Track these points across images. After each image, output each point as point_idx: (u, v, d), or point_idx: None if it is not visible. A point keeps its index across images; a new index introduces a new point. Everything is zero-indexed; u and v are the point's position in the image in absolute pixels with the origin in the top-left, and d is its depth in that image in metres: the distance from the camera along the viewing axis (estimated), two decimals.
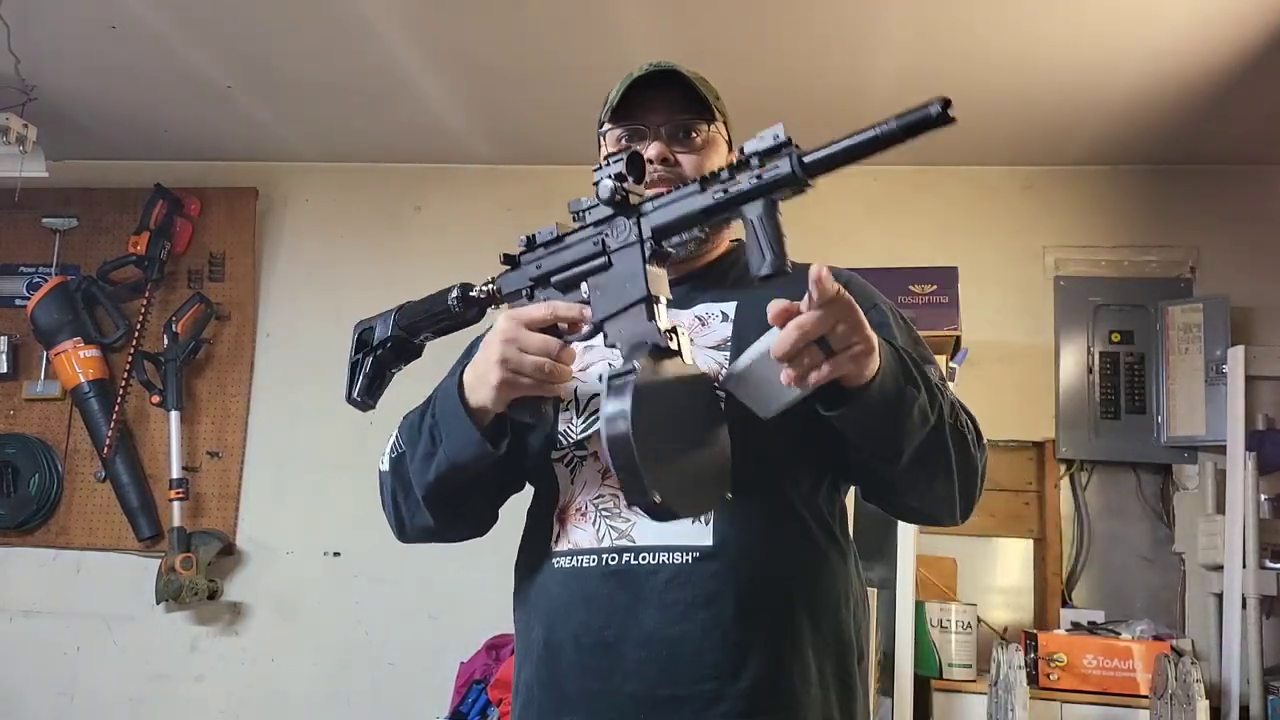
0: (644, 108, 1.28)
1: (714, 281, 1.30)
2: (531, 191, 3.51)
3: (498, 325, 1.12)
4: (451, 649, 3.17)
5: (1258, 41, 2.50)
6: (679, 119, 1.28)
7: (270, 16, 2.60)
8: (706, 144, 1.29)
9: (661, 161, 1.26)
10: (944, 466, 1.11)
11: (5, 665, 3.43)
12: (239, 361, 3.50)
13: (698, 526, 1.12)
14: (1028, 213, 3.30)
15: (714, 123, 1.30)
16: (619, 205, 1.08)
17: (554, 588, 1.19)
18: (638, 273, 1.03)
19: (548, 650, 1.18)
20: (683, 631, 1.11)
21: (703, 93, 1.28)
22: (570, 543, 1.19)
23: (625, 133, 1.30)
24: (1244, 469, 2.78)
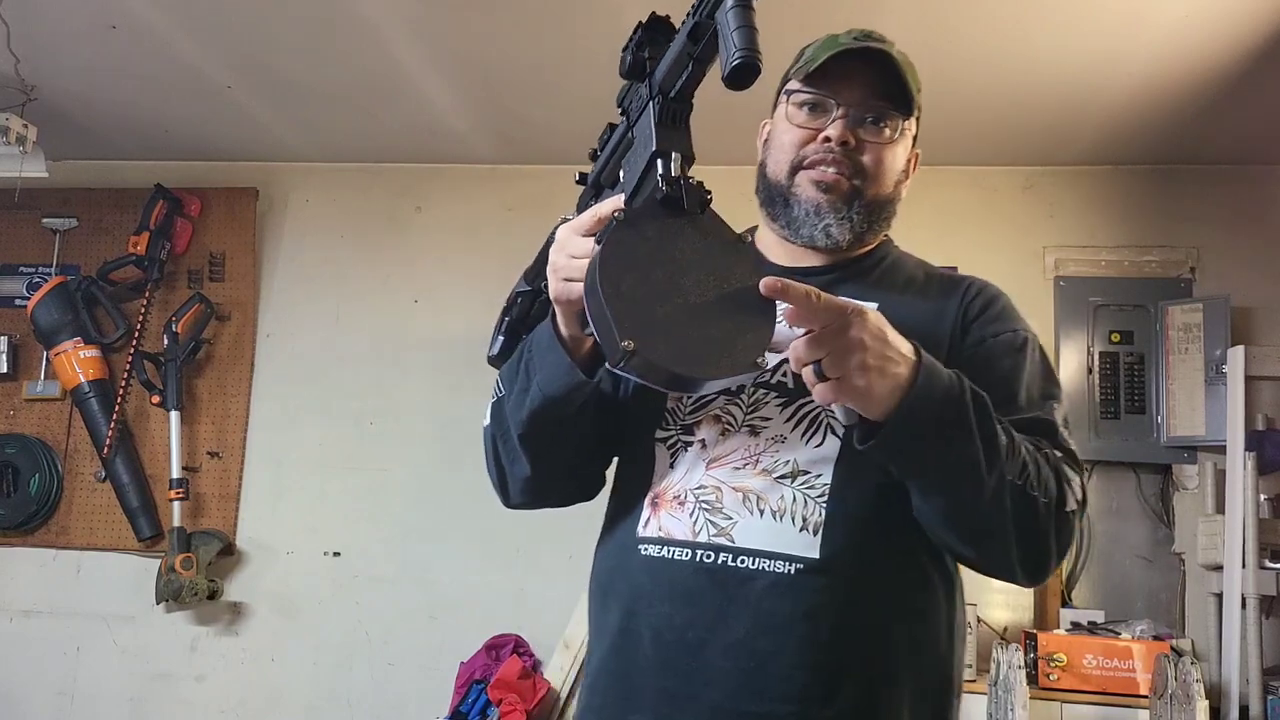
0: (841, 80, 1.18)
1: (858, 275, 1.22)
2: (531, 191, 3.51)
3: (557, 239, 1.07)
4: (451, 649, 3.17)
5: (1258, 41, 2.50)
6: (875, 104, 1.18)
7: (270, 17, 2.60)
8: (895, 138, 1.19)
9: (842, 144, 1.16)
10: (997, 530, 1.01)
11: (5, 665, 3.43)
12: (239, 361, 3.50)
13: (805, 536, 1.06)
14: (1028, 213, 3.30)
15: (909, 118, 1.20)
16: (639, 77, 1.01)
17: (638, 574, 1.12)
18: (649, 133, 0.96)
19: (623, 639, 1.12)
20: (775, 645, 1.04)
21: (908, 82, 1.18)
22: (662, 530, 1.12)
23: (812, 100, 1.19)
24: (1244, 469, 2.78)
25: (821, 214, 1.18)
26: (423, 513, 3.36)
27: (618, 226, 0.91)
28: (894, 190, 1.23)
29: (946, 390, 0.97)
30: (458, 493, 3.33)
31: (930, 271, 1.28)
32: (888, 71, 1.18)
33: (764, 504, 1.08)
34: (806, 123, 1.20)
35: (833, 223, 1.18)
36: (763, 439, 1.12)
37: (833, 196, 1.18)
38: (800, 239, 1.21)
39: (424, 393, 3.42)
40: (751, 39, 0.87)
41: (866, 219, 1.20)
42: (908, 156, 1.25)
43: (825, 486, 1.08)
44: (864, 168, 1.18)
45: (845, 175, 1.17)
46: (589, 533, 3.13)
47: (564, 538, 3.22)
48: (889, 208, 1.23)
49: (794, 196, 1.20)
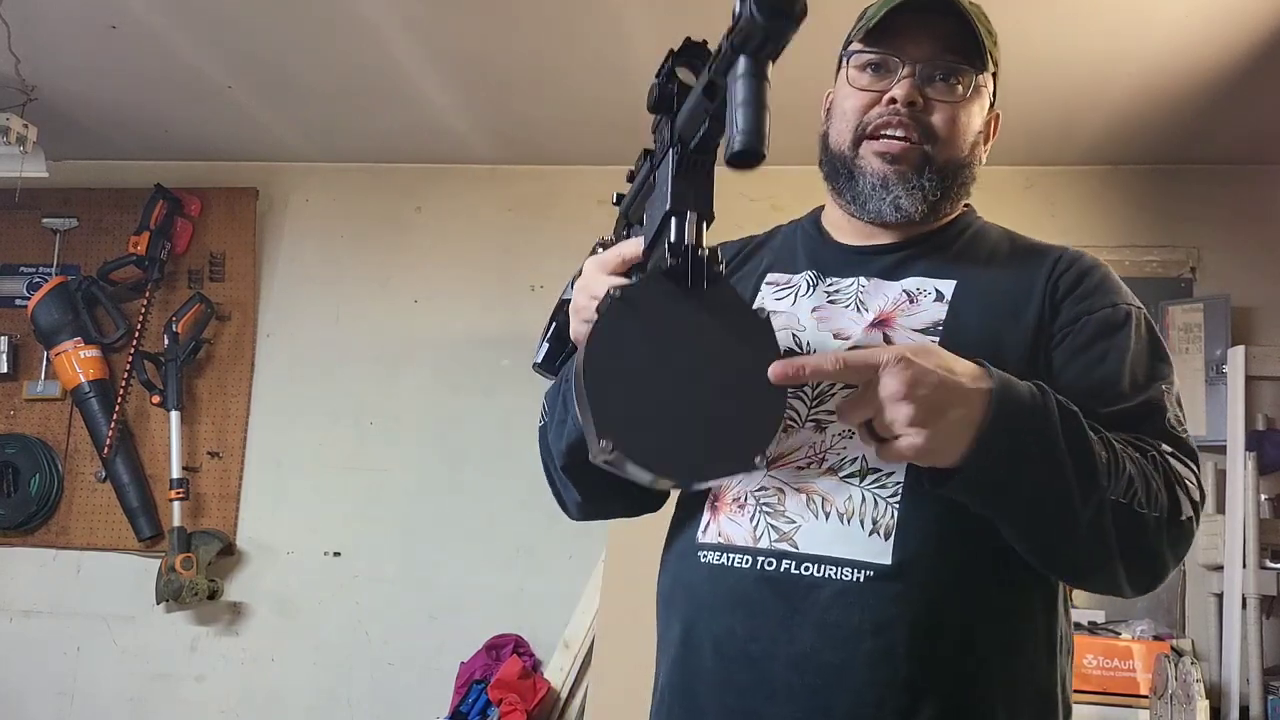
0: (905, 36, 1.07)
1: (934, 251, 1.11)
2: (531, 191, 3.51)
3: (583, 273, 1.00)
4: (451, 649, 3.17)
5: (1258, 41, 2.50)
6: (944, 59, 1.08)
7: (270, 16, 2.60)
8: (969, 95, 1.10)
9: (908, 104, 1.06)
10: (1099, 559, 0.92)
11: (5, 665, 3.43)
12: (239, 361, 3.50)
13: (875, 541, 0.96)
14: (1028, 212, 3.30)
15: (984, 72, 1.11)
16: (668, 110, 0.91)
17: (698, 583, 1.04)
18: (666, 187, 0.87)
19: (684, 651, 1.05)
20: (844, 659, 0.95)
21: (979, 32, 1.08)
22: (721, 535, 1.04)
23: (875, 60, 1.09)
24: (1244, 469, 2.78)
25: (890, 186, 1.08)
26: (423, 513, 3.36)
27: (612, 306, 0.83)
28: (970, 154, 1.13)
29: (1029, 416, 0.87)
30: (458, 493, 3.33)
31: (1017, 241, 1.17)
32: (957, 23, 1.08)
33: (830, 506, 0.99)
34: (870, 85, 1.10)
35: (902, 194, 1.08)
36: (829, 435, 1.02)
37: (901, 166, 1.08)
38: (868, 215, 1.10)
39: (424, 393, 3.42)
40: (757, 120, 0.76)
41: (940, 186, 1.10)
42: (985, 116, 1.15)
43: (898, 485, 0.98)
44: (934, 130, 1.08)
45: (914, 140, 1.07)
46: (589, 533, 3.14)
47: (564, 538, 3.22)
48: (965, 173, 1.13)
49: (859, 169, 1.10)
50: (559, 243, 3.46)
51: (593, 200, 3.47)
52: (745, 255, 1.21)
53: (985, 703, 0.97)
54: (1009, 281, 1.08)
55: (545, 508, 3.72)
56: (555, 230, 3.48)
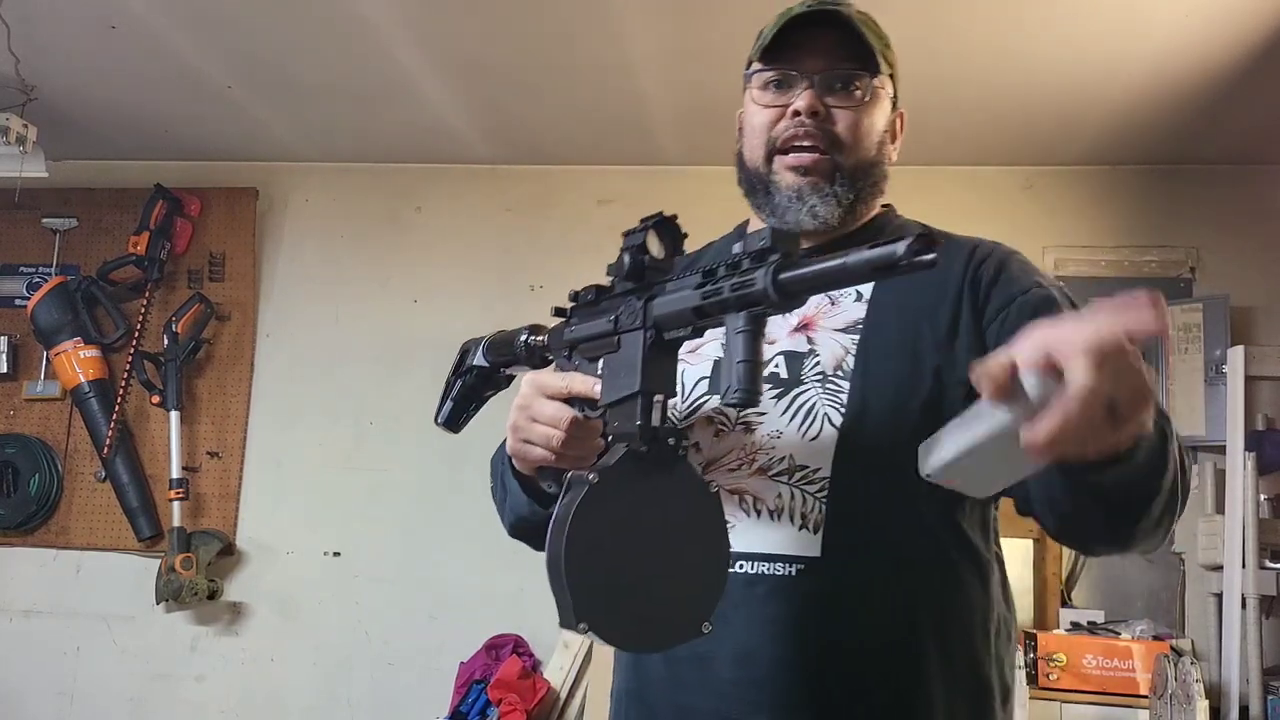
0: (801, 50, 1.13)
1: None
2: (531, 191, 3.51)
3: (521, 391, 1.01)
4: (451, 649, 3.17)
5: (1258, 41, 2.50)
6: (840, 68, 1.13)
7: (270, 16, 2.60)
8: (868, 99, 1.14)
9: (811, 114, 1.12)
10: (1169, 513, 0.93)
11: (5, 665, 3.43)
12: (239, 361, 3.50)
13: (805, 535, 1.01)
14: (1028, 213, 3.30)
15: (879, 74, 1.15)
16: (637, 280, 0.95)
17: None
18: (636, 364, 0.90)
19: (635, 659, 1.10)
20: (783, 652, 0.99)
21: (869, 39, 1.13)
22: None
23: (775, 77, 1.15)
24: (1244, 469, 2.79)
25: (804, 197, 1.13)
26: (423, 513, 3.36)
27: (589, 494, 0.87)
28: (878, 154, 1.17)
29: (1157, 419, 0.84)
30: (458, 493, 3.33)
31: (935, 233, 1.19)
32: (848, 33, 1.13)
33: (760, 504, 1.03)
34: (774, 101, 1.15)
35: (817, 202, 1.13)
36: (759, 435, 1.07)
37: (813, 177, 1.13)
38: (787, 225, 1.14)
39: (424, 393, 3.39)
40: (755, 377, 0.80)
41: (853, 189, 1.14)
42: (889, 117, 1.19)
43: (824, 480, 1.02)
44: (838, 137, 1.13)
45: (822, 150, 1.13)
46: None
47: None
48: (875, 172, 1.17)
49: (774, 184, 1.15)
50: (559, 243, 3.47)
51: (592, 200, 3.48)
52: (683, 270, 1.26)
53: (925, 689, 1.00)
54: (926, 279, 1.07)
55: None
56: (555, 230, 3.48)
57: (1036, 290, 1.07)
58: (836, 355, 1.07)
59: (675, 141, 3.22)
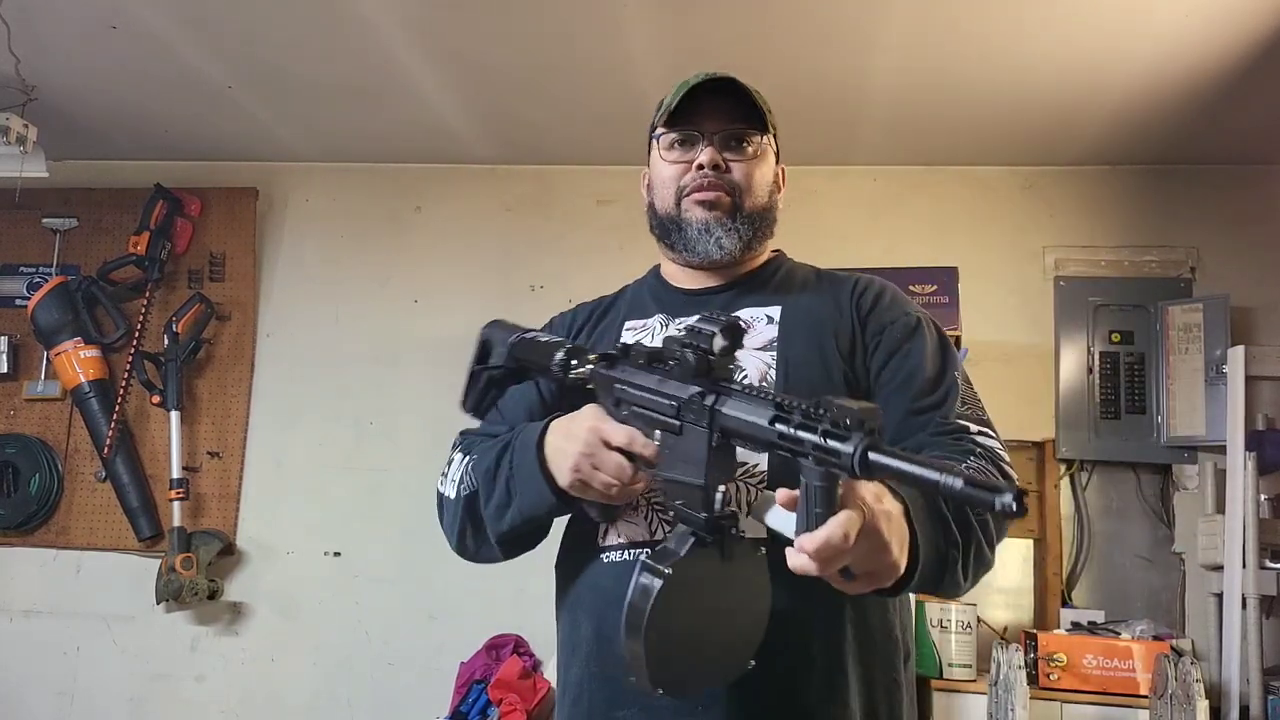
0: (699, 114, 1.32)
1: (757, 287, 1.35)
2: (531, 191, 3.51)
3: (582, 431, 1.12)
4: (451, 649, 3.17)
5: (1258, 41, 2.50)
6: (734, 127, 1.32)
7: (270, 16, 2.60)
8: (758, 154, 1.33)
9: (713, 167, 1.30)
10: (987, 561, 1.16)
11: (5, 665, 3.43)
12: (239, 361, 3.50)
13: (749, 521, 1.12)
14: (1028, 213, 3.30)
15: (766, 134, 1.34)
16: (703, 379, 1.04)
17: (605, 582, 1.21)
18: (701, 460, 1.01)
19: (599, 644, 1.21)
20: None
21: (759, 103, 1.31)
22: (622, 536, 1.22)
23: (679, 137, 1.34)
24: (1244, 469, 2.78)
25: (711, 230, 1.31)
26: (423, 513, 3.32)
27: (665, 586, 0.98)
28: (769, 200, 1.36)
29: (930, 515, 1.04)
30: None
31: (821, 273, 1.40)
32: (738, 98, 1.31)
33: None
34: (680, 158, 1.34)
35: (722, 235, 1.31)
36: None
37: (718, 212, 1.31)
38: (697, 256, 1.33)
39: (424, 393, 3.42)
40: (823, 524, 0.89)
41: (751, 228, 1.32)
42: (775, 171, 1.38)
43: (763, 474, 1.18)
44: (737, 184, 1.31)
45: (724, 192, 1.31)
46: None
47: None
48: (768, 216, 1.35)
49: (684, 221, 1.33)
50: (559, 243, 3.47)
51: (592, 200, 3.48)
52: (603, 310, 1.45)
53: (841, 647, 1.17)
54: (821, 304, 1.32)
55: None
56: (555, 230, 3.48)
57: (904, 319, 1.29)
58: (760, 369, 1.24)
59: None
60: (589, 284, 3.37)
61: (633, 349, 1.14)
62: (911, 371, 1.25)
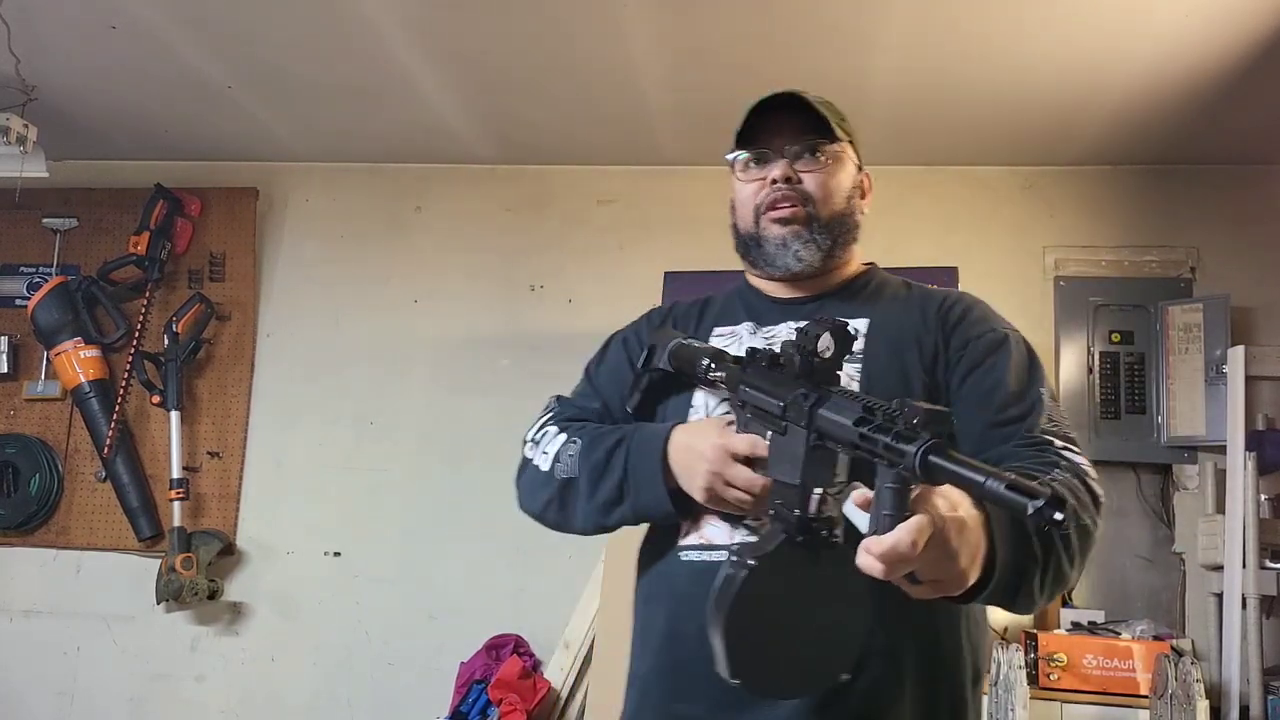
0: (770, 132, 1.35)
1: (847, 298, 1.37)
2: (531, 191, 3.51)
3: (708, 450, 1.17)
4: (451, 649, 3.17)
5: (1258, 41, 2.50)
6: (804, 140, 1.34)
7: (270, 16, 2.60)
8: (831, 161, 1.35)
9: (785, 181, 1.33)
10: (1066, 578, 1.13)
11: (5, 665, 3.43)
12: (239, 361, 3.50)
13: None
14: (1028, 213, 3.30)
15: (838, 142, 1.35)
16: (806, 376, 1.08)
17: (679, 579, 1.24)
18: (798, 459, 1.04)
19: (670, 640, 1.24)
20: None
21: (824, 114, 1.34)
22: (702, 537, 1.24)
23: (751, 157, 1.36)
24: (1244, 469, 2.78)
25: (789, 243, 1.34)
26: (423, 513, 3.36)
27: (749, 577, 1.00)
28: (848, 206, 1.38)
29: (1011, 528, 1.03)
30: (458, 493, 3.33)
31: (912, 286, 1.43)
32: (806, 113, 1.34)
33: None
34: (754, 176, 1.37)
35: (800, 247, 1.33)
36: None
37: (795, 226, 1.34)
38: (777, 270, 1.36)
39: (424, 393, 3.42)
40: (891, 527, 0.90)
41: (830, 236, 1.35)
42: (855, 178, 1.40)
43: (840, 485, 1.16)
44: (811, 194, 1.33)
45: (797, 204, 1.33)
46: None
47: (564, 538, 3.21)
48: (847, 222, 1.38)
49: (763, 238, 1.36)
50: (559, 243, 3.47)
51: (593, 200, 3.48)
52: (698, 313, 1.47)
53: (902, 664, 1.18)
54: (908, 317, 1.34)
55: None
56: (555, 230, 3.48)
57: (990, 334, 1.31)
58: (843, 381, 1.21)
59: (675, 141, 3.22)
60: (589, 284, 3.42)
61: (758, 352, 1.19)
62: (994, 385, 1.26)
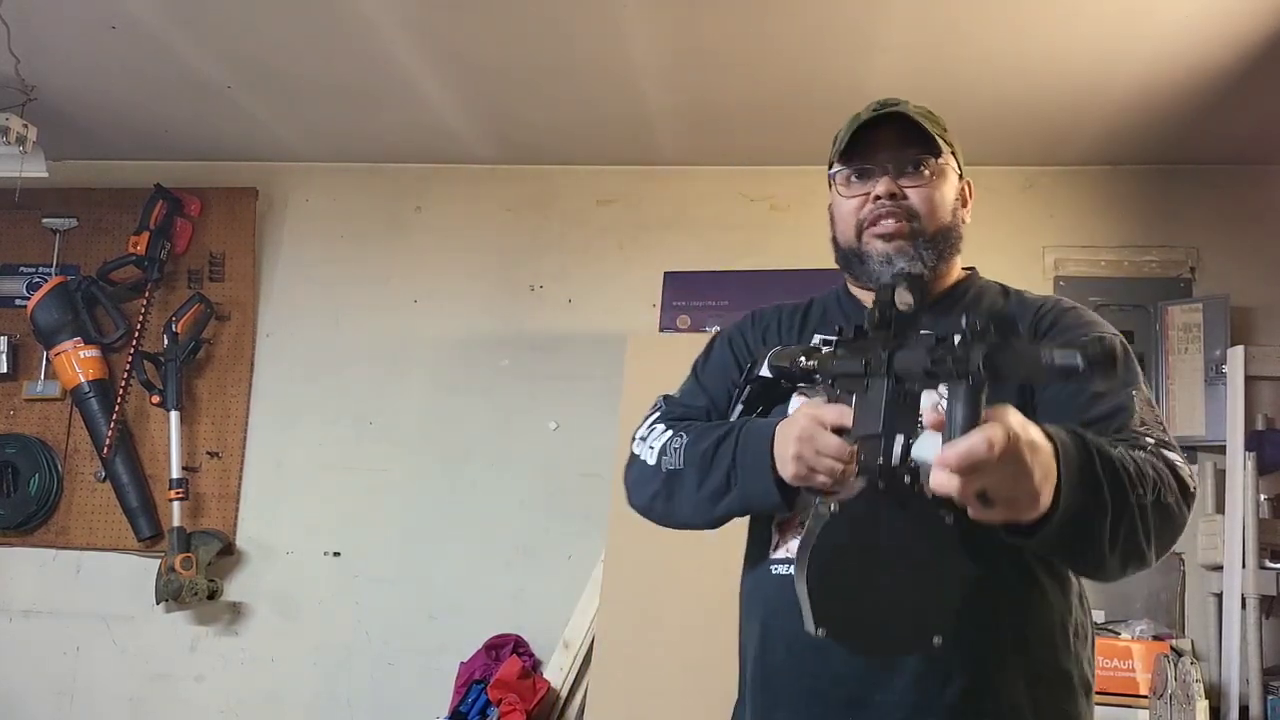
0: (871, 146, 1.34)
1: (943, 310, 1.33)
2: (531, 191, 3.51)
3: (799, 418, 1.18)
4: (451, 649, 3.17)
5: (1258, 41, 2.50)
6: (906, 154, 1.33)
7: (270, 16, 2.60)
8: (935, 175, 1.34)
9: (890, 197, 1.32)
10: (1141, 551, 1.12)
11: (5, 665, 3.43)
12: (239, 361, 3.50)
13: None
14: (1028, 213, 3.30)
15: (940, 156, 1.35)
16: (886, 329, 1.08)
17: (770, 592, 1.29)
18: (879, 407, 1.05)
19: (762, 650, 1.29)
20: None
21: (927, 128, 1.33)
22: (789, 551, 1.27)
23: (854, 172, 1.36)
24: (1244, 469, 2.78)
25: (893, 260, 1.32)
26: (423, 513, 3.36)
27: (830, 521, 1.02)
28: (952, 219, 1.37)
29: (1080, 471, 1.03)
30: (458, 493, 3.33)
31: (1010, 293, 1.42)
32: (909, 126, 1.33)
33: None
34: (857, 191, 1.36)
35: (904, 264, 1.32)
36: None
37: (899, 242, 1.33)
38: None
39: (424, 393, 3.42)
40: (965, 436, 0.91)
41: (935, 251, 1.34)
42: (957, 188, 1.39)
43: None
44: (915, 210, 1.32)
45: (903, 220, 1.32)
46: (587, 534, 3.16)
47: (563, 538, 3.23)
48: (952, 234, 1.37)
49: (866, 254, 1.35)
50: (559, 243, 3.47)
51: (592, 200, 3.48)
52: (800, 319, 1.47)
53: (1007, 678, 1.19)
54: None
55: (545, 507, 3.74)
56: (555, 230, 3.48)
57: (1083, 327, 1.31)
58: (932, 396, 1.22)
59: (675, 141, 3.22)
60: (589, 284, 3.42)
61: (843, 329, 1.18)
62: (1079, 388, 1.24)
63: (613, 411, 2.88)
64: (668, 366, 1.65)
